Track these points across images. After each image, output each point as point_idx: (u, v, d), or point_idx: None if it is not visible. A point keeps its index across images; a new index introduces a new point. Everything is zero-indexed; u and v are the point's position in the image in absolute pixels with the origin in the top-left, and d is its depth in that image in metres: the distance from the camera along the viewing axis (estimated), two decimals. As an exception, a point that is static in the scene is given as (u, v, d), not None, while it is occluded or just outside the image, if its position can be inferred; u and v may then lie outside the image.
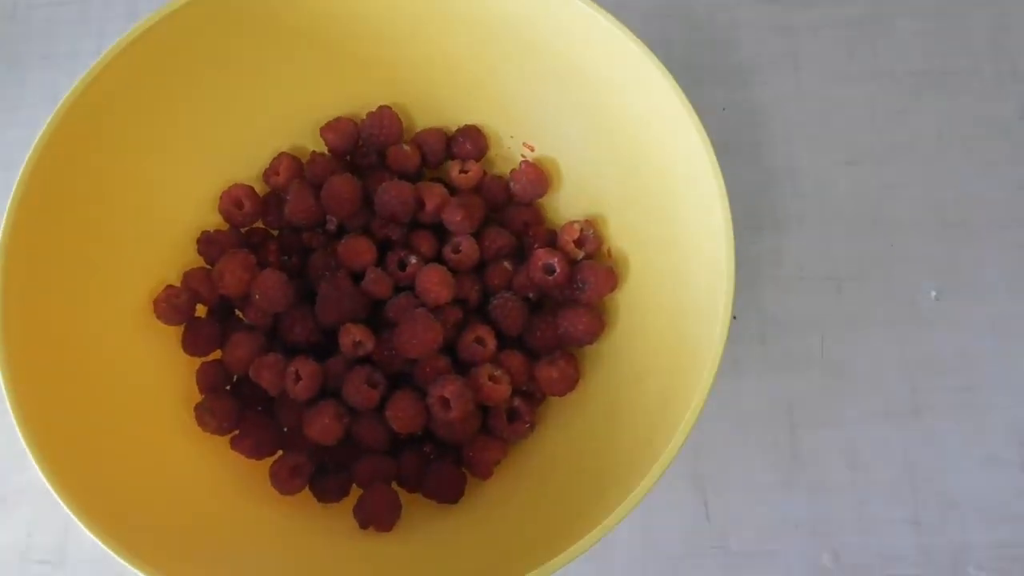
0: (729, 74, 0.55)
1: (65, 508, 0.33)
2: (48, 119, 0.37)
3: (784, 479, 0.47)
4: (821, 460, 0.48)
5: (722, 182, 0.37)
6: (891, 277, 0.51)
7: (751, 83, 0.55)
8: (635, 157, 0.42)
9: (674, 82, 0.38)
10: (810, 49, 0.56)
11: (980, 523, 0.46)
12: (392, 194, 0.44)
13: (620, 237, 0.45)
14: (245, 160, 0.47)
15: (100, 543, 0.33)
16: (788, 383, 0.49)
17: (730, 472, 0.48)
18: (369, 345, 0.42)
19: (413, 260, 0.44)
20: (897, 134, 0.54)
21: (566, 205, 0.47)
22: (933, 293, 0.50)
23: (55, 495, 0.33)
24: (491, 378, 0.42)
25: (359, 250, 0.44)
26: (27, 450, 0.34)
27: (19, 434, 0.34)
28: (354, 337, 0.42)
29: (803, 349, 0.50)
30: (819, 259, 0.51)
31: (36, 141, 0.37)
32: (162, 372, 0.43)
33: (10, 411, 0.34)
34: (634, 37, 0.39)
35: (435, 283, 0.43)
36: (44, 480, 0.33)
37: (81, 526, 0.33)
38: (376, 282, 0.43)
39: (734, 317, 0.35)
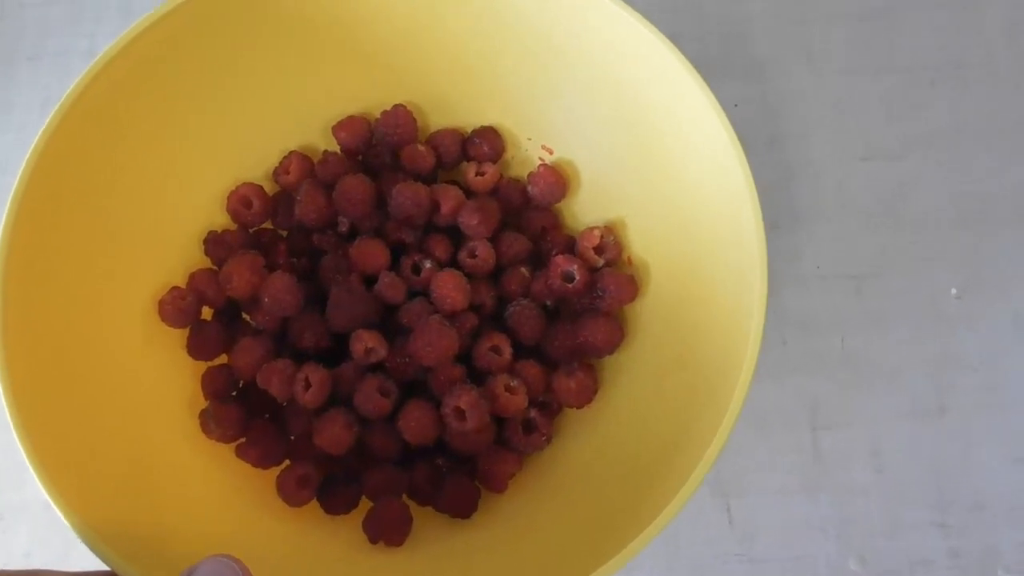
0: (742, 69, 0.54)
1: (67, 525, 0.31)
2: (47, 119, 0.36)
3: (808, 482, 0.47)
4: (845, 462, 0.47)
5: (751, 179, 0.35)
6: (911, 274, 0.50)
7: (765, 78, 0.54)
8: (657, 157, 0.41)
9: (699, 76, 0.37)
10: (824, 43, 0.55)
11: (1009, 524, 0.46)
12: (407, 195, 0.42)
13: (640, 241, 0.43)
14: (254, 159, 0.45)
15: (104, 561, 0.31)
16: (809, 384, 0.48)
17: (752, 476, 0.47)
18: (382, 352, 0.41)
19: (428, 264, 0.43)
20: (914, 128, 0.53)
21: (585, 209, 0.46)
22: (954, 290, 0.50)
23: (57, 511, 0.31)
24: (507, 388, 0.40)
25: (372, 253, 0.43)
26: (29, 465, 0.32)
27: (20, 448, 0.32)
28: (366, 344, 0.40)
29: (824, 349, 0.49)
30: (838, 256, 0.51)
31: (35, 142, 0.35)
32: (167, 378, 0.41)
33: (10, 423, 0.32)
34: (657, 32, 0.37)
35: (451, 288, 0.41)
36: (46, 495, 0.31)
37: (84, 544, 0.31)
38: (390, 287, 0.42)
39: None
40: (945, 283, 0.50)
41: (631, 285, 0.42)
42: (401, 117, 0.45)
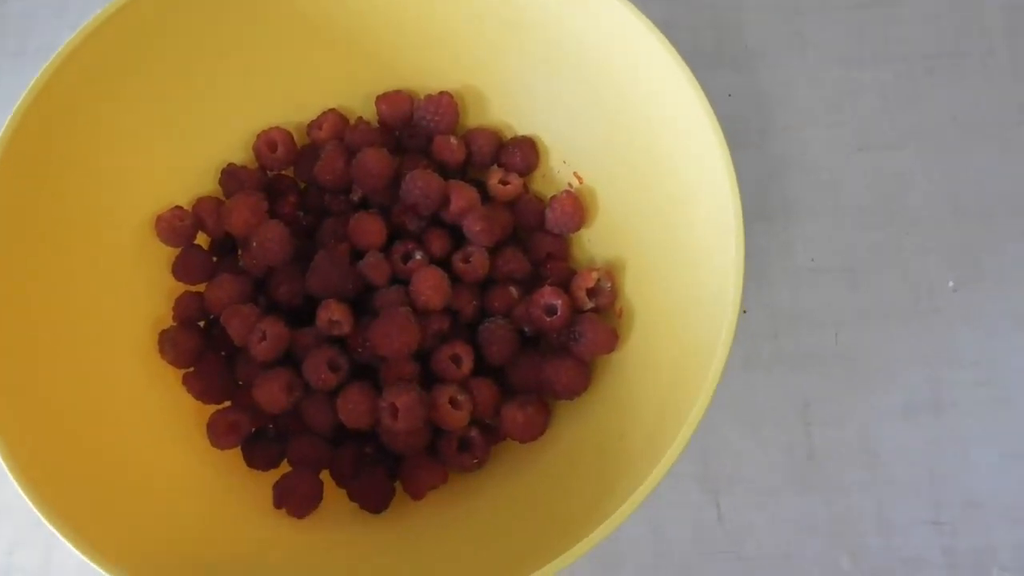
0: (735, 58, 0.52)
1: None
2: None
3: (799, 479, 0.45)
4: (837, 459, 0.45)
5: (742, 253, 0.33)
6: (907, 268, 0.48)
7: (758, 67, 0.52)
8: (666, 203, 0.39)
9: (727, 153, 0.35)
10: (818, 32, 0.53)
11: (1004, 523, 0.44)
12: (418, 184, 0.42)
13: (634, 283, 0.42)
14: (295, 107, 0.46)
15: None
16: (802, 379, 0.47)
17: (743, 473, 0.45)
18: (345, 327, 0.40)
19: (418, 256, 0.42)
20: (910, 119, 0.51)
21: (596, 239, 0.44)
22: (951, 284, 0.48)
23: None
24: (452, 401, 0.39)
25: (369, 229, 0.42)
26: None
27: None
28: (332, 315, 0.40)
29: (817, 344, 0.47)
30: (832, 250, 0.49)
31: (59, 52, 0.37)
32: (143, 296, 0.42)
33: None
34: (698, 90, 0.35)
35: (429, 287, 0.40)
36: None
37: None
38: (374, 267, 0.41)
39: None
40: (941, 277, 0.48)
41: (610, 337, 0.40)
42: (444, 105, 0.44)
